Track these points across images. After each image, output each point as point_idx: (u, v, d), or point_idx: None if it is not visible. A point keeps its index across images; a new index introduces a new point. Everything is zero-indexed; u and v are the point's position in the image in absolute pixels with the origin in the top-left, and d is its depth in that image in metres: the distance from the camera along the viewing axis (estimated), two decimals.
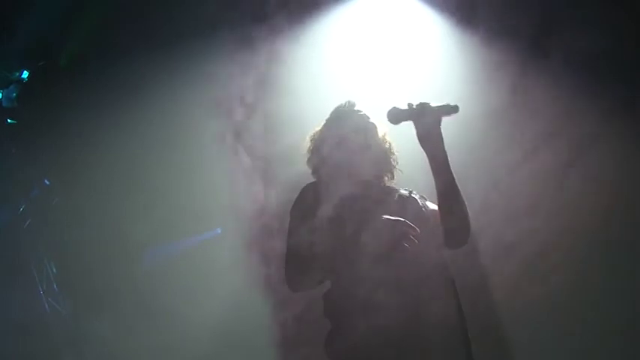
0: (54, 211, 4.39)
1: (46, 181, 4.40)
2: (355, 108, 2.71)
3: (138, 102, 4.05)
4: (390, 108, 2.45)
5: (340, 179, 2.56)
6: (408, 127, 2.51)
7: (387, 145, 2.70)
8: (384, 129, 2.69)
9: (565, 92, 3.70)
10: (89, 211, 4.23)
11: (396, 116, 2.45)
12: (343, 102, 2.74)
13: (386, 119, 2.50)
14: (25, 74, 4.11)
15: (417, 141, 2.48)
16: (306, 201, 2.59)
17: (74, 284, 4.35)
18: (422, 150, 2.50)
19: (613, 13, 3.63)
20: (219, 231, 4.38)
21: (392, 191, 2.68)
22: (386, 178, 2.71)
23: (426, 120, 2.44)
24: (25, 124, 4.21)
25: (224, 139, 3.86)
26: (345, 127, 2.63)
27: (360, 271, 2.40)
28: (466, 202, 2.51)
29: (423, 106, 2.44)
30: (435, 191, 2.51)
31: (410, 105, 2.45)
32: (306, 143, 2.75)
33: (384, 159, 2.69)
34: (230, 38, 3.85)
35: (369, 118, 2.68)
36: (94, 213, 4.21)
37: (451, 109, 2.45)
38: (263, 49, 3.83)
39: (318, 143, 2.69)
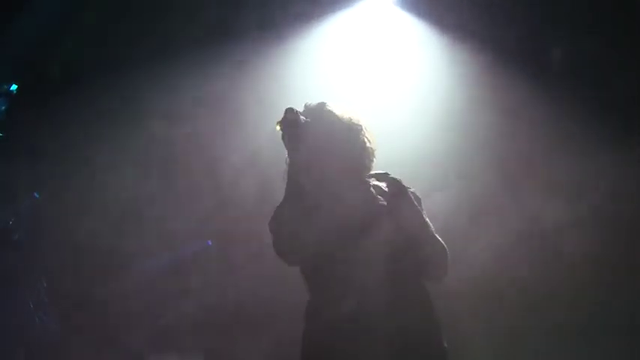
0: (44, 223, 4.36)
1: (35, 194, 4.38)
2: (318, 107, 2.55)
3: (129, 114, 4.06)
4: None
5: (309, 182, 2.45)
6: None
7: (357, 140, 2.54)
8: (360, 123, 2.56)
9: (552, 99, 3.77)
10: (79, 223, 4.22)
11: None
12: (312, 102, 2.58)
13: (361, 114, 2.52)
14: (14, 87, 4.10)
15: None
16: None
17: (64, 297, 4.32)
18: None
19: (595, 25, 3.72)
20: (209, 243, 4.36)
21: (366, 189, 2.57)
22: (364, 172, 2.57)
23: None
24: (14, 137, 4.21)
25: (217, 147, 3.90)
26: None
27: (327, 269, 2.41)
28: (440, 239, 2.47)
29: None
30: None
31: None
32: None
33: (354, 156, 2.53)
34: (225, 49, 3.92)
35: (334, 115, 2.53)
36: (84, 225, 4.20)
37: None
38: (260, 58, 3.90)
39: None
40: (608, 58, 3.75)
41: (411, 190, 2.56)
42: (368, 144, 2.57)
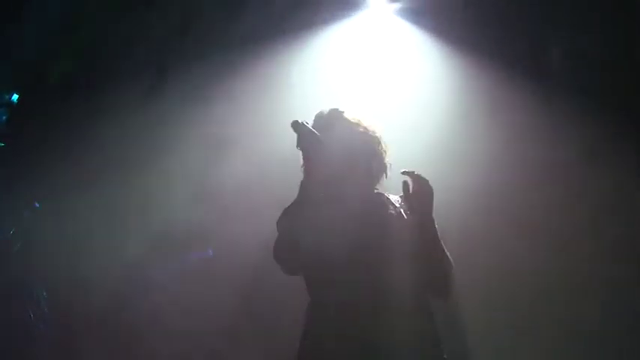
0: (45, 233, 4.36)
1: (36, 204, 4.38)
2: (336, 115, 2.60)
3: (129, 121, 4.06)
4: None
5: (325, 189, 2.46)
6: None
7: (373, 150, 2.58)
8: (375, 133, 2.61)
9: (554, 106, 3.79)
10: (80, 233, 4.22)
11: None
12: (325, 110, 2.63)
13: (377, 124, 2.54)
14: (15, 97, 4.10)
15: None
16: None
17: (65, 308, 4.31)
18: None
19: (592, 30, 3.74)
20: (211, 253, 4.35)
21: (379, 198, 2.61)
22: (377, 183, 2.61)
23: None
24: (15, 147, 4.21)
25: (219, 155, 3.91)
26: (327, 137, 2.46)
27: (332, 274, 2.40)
28: (451, 260, 2.49)
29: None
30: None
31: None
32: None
33: (368, 166, 2.57)
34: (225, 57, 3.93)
35: (352, 123, 2.57)
36: (86, 235, 4.20)
37: None
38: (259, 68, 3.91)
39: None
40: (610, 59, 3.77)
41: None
42: (385, 159, 2.59)
